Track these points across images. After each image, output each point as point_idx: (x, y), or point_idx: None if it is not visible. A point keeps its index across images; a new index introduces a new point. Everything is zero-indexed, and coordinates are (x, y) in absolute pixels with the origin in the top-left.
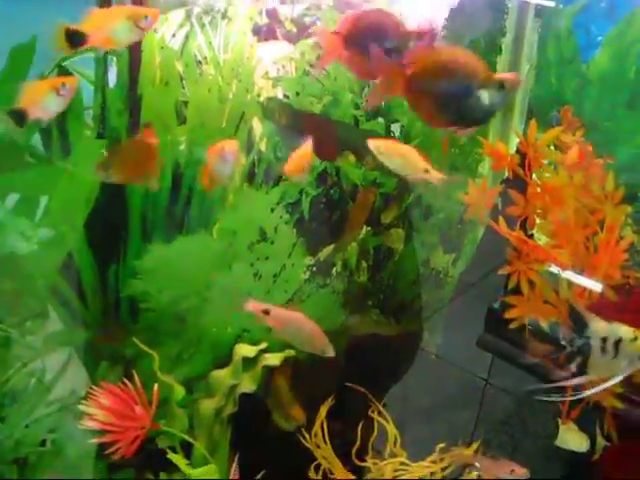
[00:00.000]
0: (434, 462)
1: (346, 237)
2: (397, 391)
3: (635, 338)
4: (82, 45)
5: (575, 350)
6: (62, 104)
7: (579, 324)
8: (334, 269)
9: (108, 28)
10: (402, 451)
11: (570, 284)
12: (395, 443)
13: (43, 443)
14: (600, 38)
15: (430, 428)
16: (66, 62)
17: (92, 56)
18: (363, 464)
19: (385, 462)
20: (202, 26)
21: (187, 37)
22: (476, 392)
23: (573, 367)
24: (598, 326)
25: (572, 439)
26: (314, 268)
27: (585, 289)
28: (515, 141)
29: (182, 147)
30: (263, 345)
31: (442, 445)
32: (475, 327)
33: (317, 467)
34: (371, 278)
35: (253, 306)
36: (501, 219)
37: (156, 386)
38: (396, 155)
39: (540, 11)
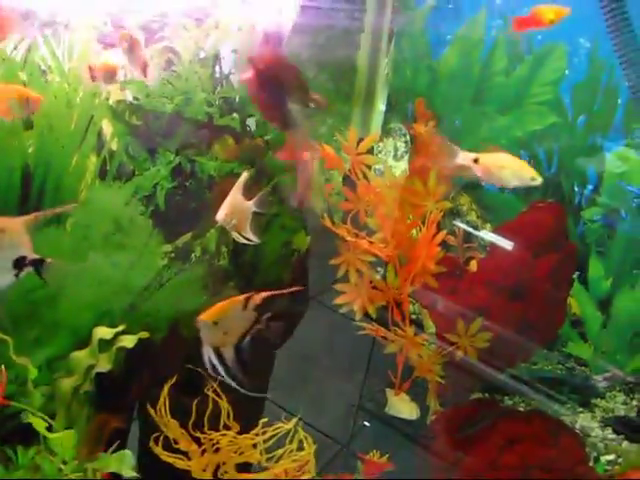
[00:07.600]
0: (257, 435)
1: (204, 225)
2: None
3: None
4: None
5: None
6: None
7: None
8: (193, 255)
9: None
10: (235, 424)
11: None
12: (228, 417)
13: None
14: (449, 37)
15: None
16: None
17: None
18: (199, 435)
19: (217, 435)
20: (44, 37)
21: (29, 49)
22: None
23: None
24: None
25: (403, 408)
26: (172, 255)
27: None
28: (378, 127)
29: (30, 150)
30: (120, 327)
31: (265, 420)
32: None
33: (156, 439)
34: (232, 261)
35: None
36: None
37: (2, 367)
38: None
39: (396, 9)
